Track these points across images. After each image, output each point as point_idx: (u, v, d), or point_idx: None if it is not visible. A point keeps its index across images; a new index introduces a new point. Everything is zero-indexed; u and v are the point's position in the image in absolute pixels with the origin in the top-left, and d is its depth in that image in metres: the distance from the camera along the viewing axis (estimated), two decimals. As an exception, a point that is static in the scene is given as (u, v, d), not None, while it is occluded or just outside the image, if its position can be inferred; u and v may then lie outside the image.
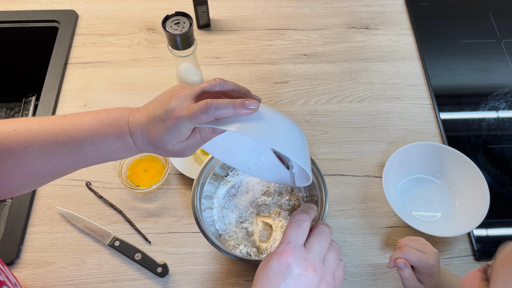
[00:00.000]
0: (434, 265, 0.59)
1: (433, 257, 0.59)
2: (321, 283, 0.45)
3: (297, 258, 0.44)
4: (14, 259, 0.70)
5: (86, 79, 0.91)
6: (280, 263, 0.44)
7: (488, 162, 0.83)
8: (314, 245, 0.46)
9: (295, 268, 0.44)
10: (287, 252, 0.44)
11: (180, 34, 0.74)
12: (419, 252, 0.60)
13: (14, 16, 0.98)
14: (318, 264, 0.45)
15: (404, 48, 0.97)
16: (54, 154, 0.48)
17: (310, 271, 0.44)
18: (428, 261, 0.59)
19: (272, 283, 0.44)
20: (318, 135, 0.85)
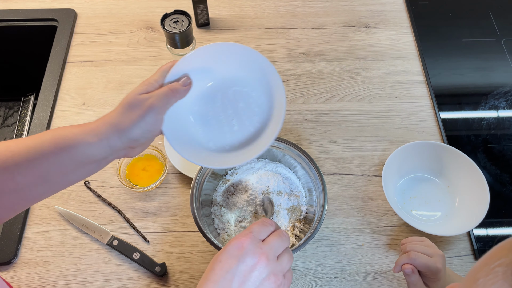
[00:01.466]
0: (441, 269, 0.58)
1: (439, 261, 0.58)
2: (271, 275, 0.46)
3: (254, 246, 0.47)
4: (12, 258, 0.70)
5: (84, 78, 0.91)
6: (237, 246, 0.46)
7: (488, 161, 0.83)
8: (272, 241, 0.49)
9: (249, 254, 0.46)
10: (246, 238, 0.47)
11: (178, 32, 0.74)
12: (426, 256, 0.59)
13: (12, 15, 0.98)
14: (272, 257, 0.47)
15: (404, 47, 0.97)
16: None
17: (263, 260, 0.46)
18: (435, 266, 0.57)
19: (225, 266, 0.45)
20: (317, 134, 0.84)
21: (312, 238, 0.62)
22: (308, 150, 0.82)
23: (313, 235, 0.62)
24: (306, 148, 0.82)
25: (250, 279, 0.45)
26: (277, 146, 0.72)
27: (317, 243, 0.73)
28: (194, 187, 0.66)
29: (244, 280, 0.45)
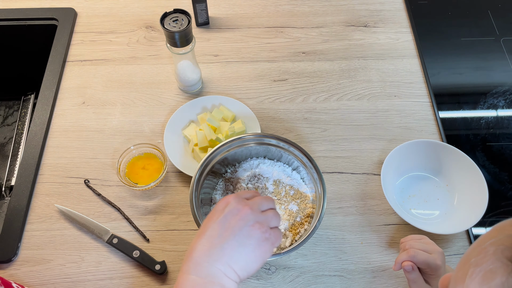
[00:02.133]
0: (441, 266, 0.58)
1: (439, 258, 0.58)
2: (255, 223, 0.50)
3: (238, 200, 0.52)
4: (12, 257, 0.70)
5: (84, 77, 0.91)
6: (223, 202, 0.52)
7: (487, 159, 0.83)
8: (256, 199, 0.53)
9: (233, 205, 0.51)
10: (232, 196, 0.53)
11: (178, 31, 0.74)
12: (426, 253, 0.59)
13: (12, 14, 0.98)
14: (256, 209, 0.51)
15: (403, 46, 0.97)
16: None
17: (246, 209, 0.50)
18: (435, 262, 0.58)
19: (212, 218, 0.51)
20: (316, 133, 0.85)
21: (311, 237, 0.62)
22: (307, 148, 0.82)
23: (312, 233, 0.62)
24: (305, 146, 0.82)
25: (235, 225, 0.49)
26: (276, 145, 0.72)
27: (316, 241, 0.73)
28: (193, 185, 0.67)
29: (228, 227, 0.49)
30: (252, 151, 0.74)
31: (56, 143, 0.83)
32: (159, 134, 0.84)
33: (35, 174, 0.78)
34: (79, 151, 0.82)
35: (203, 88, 0.90)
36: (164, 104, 0.88)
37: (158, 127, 0.85)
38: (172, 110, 0.86)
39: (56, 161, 0.80)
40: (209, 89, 0.90)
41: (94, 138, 0.83)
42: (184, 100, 0.88)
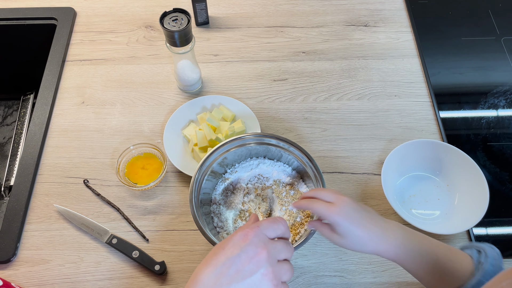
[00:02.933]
0: (340, 224, 0.53)
1: (341, 211, 0.53)
2: (269, 271, 0.45)
3: (258, 239, 0.46)
4: (11, 257, 0.70)
5: (84, 77, 0.91)
6: (242, 236, 0.46)
7: (488, 159, 0.83)
8: (278, 243, 0.48)
9: (252, 245, 0.45)
10: (252, 230, 0.46)
11: (178, 30, 0.74)
12: (322, 204, 0.54)
13: (11, 14, 0.98)
14: (273, 256, 0.46)
15: (403, 45, 0.97)
16: None
17: (264, 254, 0.45)
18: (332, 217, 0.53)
19: (227, 252, 0.45)
20: (317, 133, 0.84)
21: (311, 237, 0.62)
22: (307, 148, 0.82)
23: (312, 233, 0.62)
24: (305, 146, 0.82)
25: (248, 268, 0.44)
26: (276, 145, 0.72)
27: (316, 242, 0.73)
28: (193, 185, 0.66)
29: (241, 269, 0.44)
30: (252, 151, 0.74)
31: (55, 143, 0.82)
32: (159, 134, 0.83)
33: (34, 174, 0.78)
34: (79, 151, 0.81)
35: (202, 87, 0.90)
36: (164, 104, 0.87)
37: (157, 126, 0.84)
38: (171, 109, 0.86)
39: (55, 161, 0.80)
40: (208, 88, 0.90)
41: (94, 138, 0.83)
42: (184, 99, 0.88)
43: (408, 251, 0.54)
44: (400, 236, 0.55)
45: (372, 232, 0.54)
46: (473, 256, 0.53)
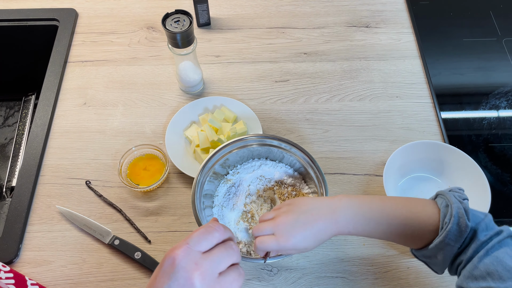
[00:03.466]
0: (295, 246, 0.54)
1: (284, 239, 0.53)
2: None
3: (187, 261, 0.41)
4: (13, 258, 0.70)
5: (85, 78, 0.91)
6: (170, 262, 0.42)
7: (489, 160, 0.83)
8: (214, 254, 0.43)
9: (181, 271, 0.41)
10: (179, 251, 0.42)
11: (180, 32, 0.74)
12: (269, 240, 0.54)
13: (13, 15, 0.98)
14: (210, 274, 0.42)
15: (404, 46, 0.97)
16: None
17: (196, 278, 0.40)
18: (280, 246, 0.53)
19: (158, 284, 0.41)
20: (318, 134, 0.84)
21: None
22: (309, 149, 0.82)
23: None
24: (307, 147, 0.82)
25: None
26: (278, 146, 0.72)
27: (318, 243, 0.73)
28: (195, 186, 0.66)
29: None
30: (254, 152, 0.74)
31: (57, 144, 0.82)
32: (161, 135, 0.83)
33: (36, 175, 0.78)
34: (80, 152, 0.81)
35: (204, 89, 0.90)
36: (166, 105, 0.87)
37: (159, 128, 0.84)
38: (173, 111, 0.86)
39: (57, 162, 0.80)
40: (210, 90, 0.90)
41: (96, 139, 0.83)
42: (186, 101, 0.88)
43: (360, 224, 0.55)
44: (349, 214, 0.55)
45: (321, 225, 0.55)
46: (441, 210, 0.53)
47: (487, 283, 0.48)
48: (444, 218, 0.52)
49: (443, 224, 0.51)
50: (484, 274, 0.48)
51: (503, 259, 0.48)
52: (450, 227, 0.50)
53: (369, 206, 0.56)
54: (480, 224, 0.51)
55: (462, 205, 0.52)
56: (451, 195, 0.53)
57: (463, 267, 0.51)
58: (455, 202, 0.52)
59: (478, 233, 0.51)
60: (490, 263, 0.48)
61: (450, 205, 0.52)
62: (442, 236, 0.51)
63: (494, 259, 0.48)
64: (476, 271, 0.49)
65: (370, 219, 0.55)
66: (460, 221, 0.50)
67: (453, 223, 0.50)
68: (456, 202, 0.52)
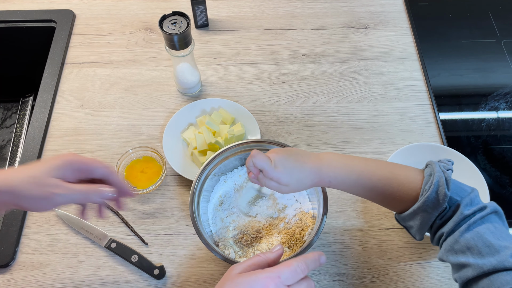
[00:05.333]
0: (281, 177, 0.55)
1: (278, 168, 0.55)
2: None
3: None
4: (9, 261, 0.70)
5: (83, 79, 0.91)
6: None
7: (488, 163, 0.82)
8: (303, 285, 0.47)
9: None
10: (272, 283, 0.45)
11: (177, 34, 0.73)
12: (265, 156, 0.56)
13: (10, 16, 0.97)
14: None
15: (403, 48, 0.97)
16: None
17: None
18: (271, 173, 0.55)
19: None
20: (316, 136, 0.84)
21: (314, 243, 0.61)
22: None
23: (315, 238, 0.61)
24: (305, 149, 0.82)
25: None
26: (266, 149, 0.70)
27: (316, 246, 0.72)
28: (194, 189, 0.66)
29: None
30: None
31: (54, 146, 0.82)
32: (158, 137, 0.83)
33: None
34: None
35: (202, 90, 0.90)
36: (163, 107, 0.87)
37: (157, 130, 0.84)
38: (171, 113, 0.86)
39: (54, 164, 0.80)
40: (208, 91, 0.89)
41: (93, 141, 0.83)
42: (183, 102, 0.88)
43: (340, 175, 0.56)
44: (333, 163, 0.57)
45: (307, 168, 0.57)
46: (424, 178, 0.54)
47: (466, 258, 0.49)
48: (425, 185, 0.53)
49: (423, 191, 0.53)
50: (464, 248, 0.49)
51: (484, 234, 0.49)
52: (428, 194, 0.52)
53: (352, 160, 0.58)
54: (464, 199, 0.52)
55: (445, 174, 0.53)
56: (437, 164, 0.55)
57: (444, 240, 0.53)
58: (438, 171, 0.53)
59: (462, 207, 0.51)
60: (471, 238, 0.49)
61: (433, 173, 0.53)
62: (420, 202, 0.53)
63: (475, 234, 0.49)
64: (457, 245, 0.50)
65: (351, 172, 0.56)
66: (439, 189, 0.51)
67: (432, 191, 0.51)
68: (439, 171, 0.53)
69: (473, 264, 0.48)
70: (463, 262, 0.49)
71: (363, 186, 0.57)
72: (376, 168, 0.57)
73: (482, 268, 0.47)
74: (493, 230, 0.49)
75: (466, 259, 0.49)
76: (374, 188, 0.56)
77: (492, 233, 0.49)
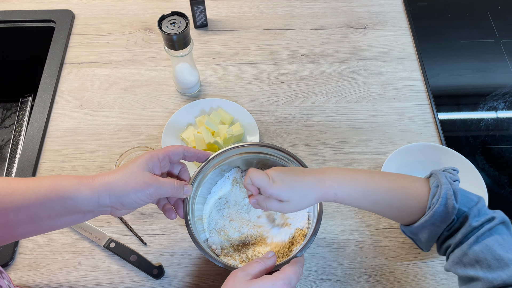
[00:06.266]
0: (280, 190, 0.54)
1: (275, 183, 0.54)
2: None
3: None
4: (9, 261, 0.70)
5: (82, 79, 0.91)
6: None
7: (487, 163, 0.83)
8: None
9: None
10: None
11: (176, 34, 0.74)
12: (263, 173, 0.55)
13: (9, 16, 0.97)
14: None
15: (402, 48, 0.97)
16: None
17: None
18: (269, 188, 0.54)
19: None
20: (315, 136, 0.84)
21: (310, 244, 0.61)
22: (306, 151, 0.82)
23: (312, 240, 0.61)
24: (304, 149, 0.82)
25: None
26: (264, 152, 0.69)
27: (314, 245, 0.73)
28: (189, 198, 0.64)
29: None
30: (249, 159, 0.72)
31: (53, 146, 0.82)
32: (157, 137, 0.83)
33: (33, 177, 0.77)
34: (77, 154, 0.81)
35: (201, 90, 0.90)
36: (162, 107, 0.87)
37: (156, 130, 0.84)
38: (170, 113, 0.86)
39: (53, 164, 0.80)
40: (207, 91, 0.90)
41: (92, 141, 0.83)
42: (182, 102, 0.88)
43: (346, 188, 0.55)
44: (337, 177, 0.55)
45: (309, 181, 0.55)
46: (431, 190, 0.53)
47: (475, 271, 0.48)
48: (433, 198, 0.52)
49: (431, 204, 0.52)
50: (473, 261, 0.49)
51: (493, 247, 0.48)
52: (437, 208, 0.51)
53: (356, 172, 0.57)
54: (472, 209, 0.51)
55: (452, 186, 0.52)
56: (443, 175, 0.54)
57: (452, 251, 0.52)
58: (445, 183, 0.52)
59: (470, 218, 0.51)
60: (479, 251, 0.49)
61: (440, 185, 0.52)
62: (428, 215, 0.52)
63: (484, 247, 0.49)
64: (466, 258, 0.50)
65: (356, 185, 0.55)
66: (447, 202, 0.51)
67: (441, 204, 0.51)
68: (446, 183, 0.52)
69: (483, 278, 0.47)
70: (472, 275, 0.48)
71: (370, 199, 0.55)
72: (382, 179, 0.55)
73: (492, 282, 0.46)
74: (502, 242, 0.49)
75: (475, 273, 0.48)
76: (381, 201, 0.55)
77: (501, 245, 0.49)
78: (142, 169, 0.53)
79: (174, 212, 0.61)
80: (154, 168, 0.55)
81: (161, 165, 0.57)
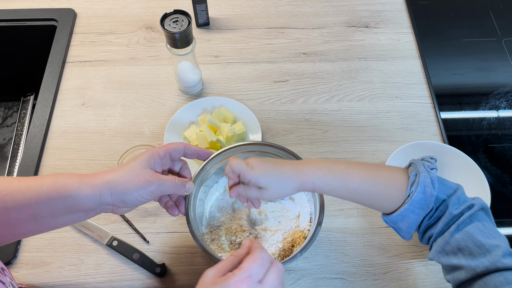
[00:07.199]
0: (259, 177, 0.54)
1: (255, 169, 0.54)
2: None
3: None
4: (11, 259, 0.70)
5: (84, 78, 0.91)
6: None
7: (489, 161, 0.82)
8: (270, 280, 0.46)
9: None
10: (244, 284, 0.44)
11: (178, 32, 0.73)
12: (242, 161, 0.56)
13: (12, 15, 0.97)
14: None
15: (404, 46, 0.97)
16: None
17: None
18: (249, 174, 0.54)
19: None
20: (317, 134, 0.84)
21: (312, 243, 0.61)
22: (308, 150, 0.82)
23: (313, 239, 0.61)
24: (306, 148, 0.82)
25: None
26: (266, 151, 0.69)
27: (317, 244, 0.73)
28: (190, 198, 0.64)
29: None
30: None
31: (55, 144, 0.82)
32: (159, 135, 0.83)
33: (34, 176, 0.77)
34: (79, 152, 0.81)
35: (203, 89, 0.90)
36: (164, 105, 0.87)
37: (158, 128, 0.84)
38: (172, 111, 0.86)
39: (56, 162, 0.80)
40: (209, 90, 0.90)
41: (94, 139, 0.83)
42: (184, 101, 0.88)
43: (324, 177, 0.55)
44: (315, 166, 0.55)
45: (287, 170, 0.55)
46: (410, 179, 0.53)
47: (458, 260, 0.49)
48: (411, 186, 0.53)
49: (410, 192, 0.53)
50: (455, 249, 0.50)
51: (474, 234, 0.49)
52: (415, 196, 0.52)
53: (334, 162, 0.57)
54: (451, 197, 0.52)
55: (430, 174, 0.53)
56: (421, 164, 0.54)
57: (434, 240, 0.53)
58: (423, 171, 0.53)
59: (450, 206, 0.51)
60: (461, 239, 0.49)
61: (418, 173, 0.53)
62: (407, 203, 0.52)
63: (465, 235, 0.49)
64: (448, 246, 0.50)
65: (334, 174, 0.55)
66: (426, 190, 0.51)
67: (419, 192, 0.52)
68: (424, 171, 0.53)
69: (466, 266, 0.48)
70: (455, 264, 0.49)
71: (348, 187, 0.55)
72: (360, 168, 0.56)
73: (475, 270, 0.47)
74: (482, 228, 0.50)
75: (458, 261, 0.49)
76: (360, 189, 0.55)
77: (481, 231, 0.49)
78: (144, 166, 0.53)
79: (176, 209, 0.60)
80: (155, 166, 0.55)
81: (162, 162, 0.57)
